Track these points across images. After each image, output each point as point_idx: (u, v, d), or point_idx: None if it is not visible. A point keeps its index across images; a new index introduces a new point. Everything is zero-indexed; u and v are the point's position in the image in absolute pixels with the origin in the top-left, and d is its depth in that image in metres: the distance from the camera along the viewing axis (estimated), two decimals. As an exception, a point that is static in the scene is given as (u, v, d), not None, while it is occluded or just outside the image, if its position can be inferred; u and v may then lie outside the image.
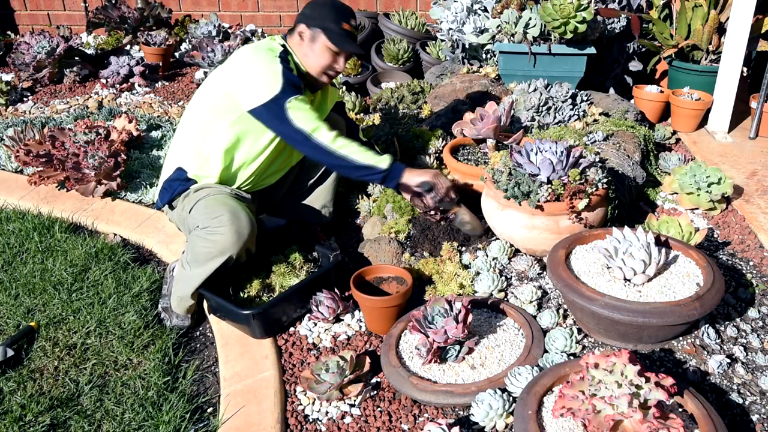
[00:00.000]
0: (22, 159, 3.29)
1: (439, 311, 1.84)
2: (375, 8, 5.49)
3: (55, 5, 6.01)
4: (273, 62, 2.17)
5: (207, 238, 2.12)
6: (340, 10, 2.26)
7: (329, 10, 2.24)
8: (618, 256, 1.82)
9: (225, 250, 2.11)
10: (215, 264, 2.13)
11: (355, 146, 2.18)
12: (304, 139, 2.15)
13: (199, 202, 2.21)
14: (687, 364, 1.79)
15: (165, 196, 2.32)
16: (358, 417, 1.80)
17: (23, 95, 4.67)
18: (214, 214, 2.13)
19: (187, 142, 2.29)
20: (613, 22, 3.67)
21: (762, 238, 2.45)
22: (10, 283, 2.60)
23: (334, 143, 2.15)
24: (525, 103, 3.20)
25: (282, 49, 2.24)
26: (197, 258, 2.16)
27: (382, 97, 3.99)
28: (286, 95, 2.13)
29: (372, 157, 2.19)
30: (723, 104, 3.50)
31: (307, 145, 2.16)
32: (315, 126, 2.15)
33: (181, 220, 2.31)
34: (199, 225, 2.16)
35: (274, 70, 2.15)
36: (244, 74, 2.18)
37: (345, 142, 2.17)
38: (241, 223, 2.12)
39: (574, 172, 2.14)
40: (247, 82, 2.16)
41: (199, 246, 2.14)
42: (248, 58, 2.20)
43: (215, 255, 2.12)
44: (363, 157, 2.17)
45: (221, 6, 5.77)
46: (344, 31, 2.23)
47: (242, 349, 2.13)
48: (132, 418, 1.93)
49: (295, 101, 2.14)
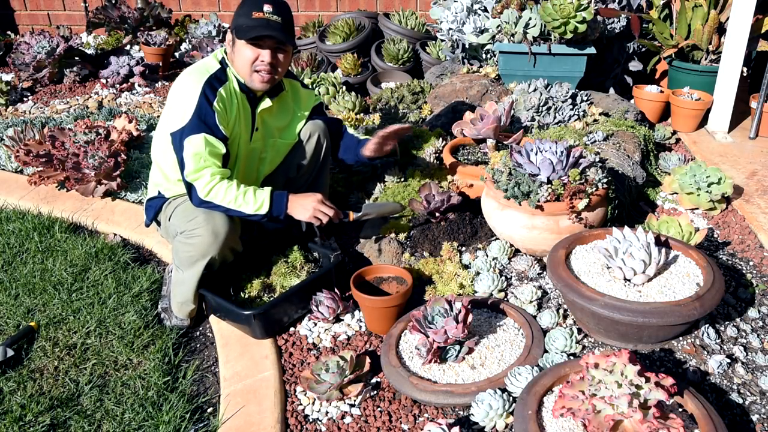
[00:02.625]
0: (22, 159, 3.29)
1: (439, 311, 1.84)
2: (375, 8, 5.49)
3: (55, 5, 6.01)
4: (194, 88, 2.09)
5: (186, 242, 2.14)
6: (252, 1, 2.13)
7: (243, 6, 2.14)
8: (618, 256, 1.82)
9: (205, 252, 2.12)
10: (200, 266, 2.14)
11: (231, 195, 2.08)
12: (187, 186, 2.11)
13: (177, 209, 2.24)
14: (687, 364, 1.79)
15: (150, 213, 2.37)
16: (358, 417, 1.80)
17: (23, 95, 4.67)
18: (190, 217, 2.15)
19: (157, 166, 2.30)
20: (613, 22, 3.67)
21: (762, 238, 2.45)
22: (10, 283, 2.60)
23: (209, 195, 2.08)
24: (525, 103, 3.20)
25: (219, 68, 2.17)
26: (183, 262, 2.18)
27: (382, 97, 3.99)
28: (190, 129, 2.06)
29: (250, 203, 2.10)
30: (723, 104, 3.50)
31: (189, 192, 2.11)
32: (198, 175, 2.07)
33: (165, 230, 2.34)
34: (179, 230, 2.19)
35: (191, 98, 2.08)
36: (171, 96, 2.15)
37: (220, 192, 2.08)
38: (216, 222, 2.11)
39: (574, 172, 2.14)
40: (171, 105, 2.13)
41: (181, 251, 2.17)
42: (180, 79, 2.15)
43: (197, 258, 2.13)
44: (240, 206, 2.10)
45: (221, 6, 5.77)
46: (255, 20, 2.10)
47: (242, 349, 2.13)
48: (132, 418, 1.93)
49: (195, 140, 2.05)
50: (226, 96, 2.16)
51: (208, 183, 2.08)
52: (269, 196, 2.14)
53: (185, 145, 2.07)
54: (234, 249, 2.22)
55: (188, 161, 2.08)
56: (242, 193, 2.11)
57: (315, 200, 2.17)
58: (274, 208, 2.14)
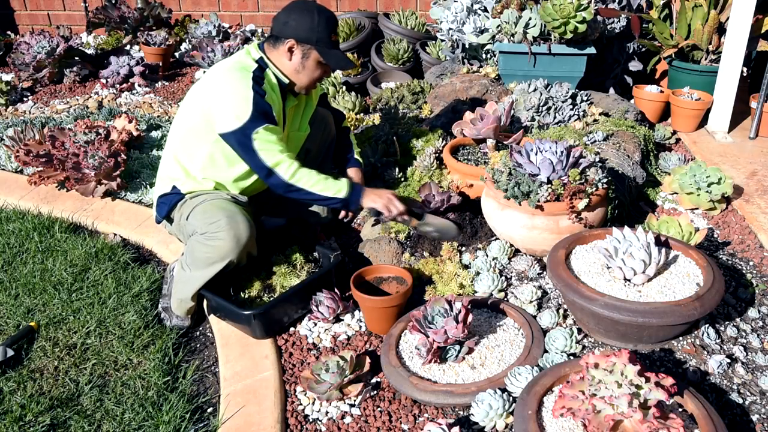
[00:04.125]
0: (22, 159, 3.29)
1: (439, 311, 1.84)
2: (375, 8, 5.49)
3: (55, 5, 6.01)
4: (244, 86, 2.12)
5: (206, 243, 2.12)
6: (328, 20, 2.20)
7: (318, 21, 2.17)
8: (618, 256, 1.82)
9: (225, 256, 2.11)
10: (216, 269, 2.13)
11: (313, 178, 2.18)
12: (267, 173, 2.16)
13: (195, 208, 2.21)
14: (687, 364, 1.79)
15: (163, 210, 2.31)
16: (358, 417, 1.80)
17: (23, 95, 4.67)
18: (212, 219, 2.13)
19: (176, 161, 2.29)
20: (613, 22, 3.67)
21: (762, 238, 2.45)
22: (10, 283, 2.60)
23: (294, 178, 2.16)
24: (525, 103, 3.20)
25: (256, 67, 2.19)
26: (197, 263, 2.16)
27: (382, 97, 3.99)
28: (254, 125, 2.10)
29: (331, 187, 2.20)
30: (723, 104, 3.50)
31: (269, 179, 2.17)
32: (277, 160, 2.14)
33: (179, 228, 2.31)
34: (198, 231, 2.16)
35: (245, 96, 2.11)
36: (216, 96, 2.14)
37: (304, 176, 2.17)
38: (240, 228, 2.11)
39: (574, 172, 2.14)
40: (219, 106, 2.13)
41: (198, 251, 2.14)
42: (221, 78, 2.16)
43: (215, 260, 2.12)
44: (322, 189, 2.19)
45: (221, 6, 5.77)
46: (334, 43, 2.23)
47: (242, 349, 2.13)
48: (132, 418, 1.93)
49: (263, 132, 2.11)
50: (269, 91, 2.20)
51: (290, 167, 2.15)
52: (347, 184, 2.24)
53: (254, 138, 2.10)
54: (251, 253, 2.21)
55: (261, 153, 2.12)
56: (324, 178, 2.20)
57: (390, 193, 2.32)
58: (352, 195, 2.23)
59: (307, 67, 2.24)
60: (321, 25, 2.18)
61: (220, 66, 2.21)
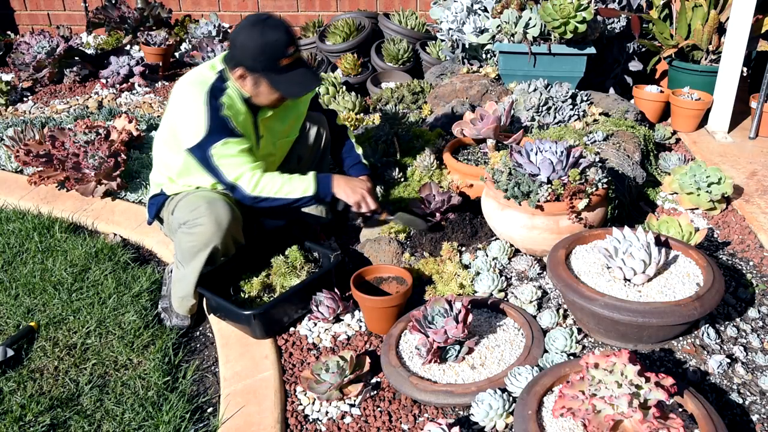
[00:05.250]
0: (22, 159, 3.29)
1: (439, 311, 1.84)
2: (375, 8, 5.49)
3: (55, 5, 6.01)
4: (200, 101, 2.06)
5: (189, 232, 2.15)
6: (275, 43, 2.04)
7: (263, 47, 2.03)
8: (618, 256, 1.82)
9: (208, 241, 2.12)
10: (202, 258, 2.15)
11: (276, 183, 2.13)
12: (230, 188, 2.14)
13: (179, 203, 2.24)
14: (687, 364, 1.79)
15: (152, 211, 2.38)
16: (358, 417, 1.80)
17: (23, 95, 4.67)
18: (192, 207, 2.16)
19: (159, 170, 2.33)
20: (613, 22, 3.67)
21: (762, 238, 2.45)
22: (10, 283, 2.60)
23: (257, 189, 2.12)
24: (525, 103, 3.20)
25: (215, 80, 2.11)
26: (185, 255, 2.18)
27: (382, 97, 3.99)
28: (211, 140, 2.05)
29: (297, 187, 2.15)
30: (723, 104, 3.50)
31: (234, 193, 2.15)
32: (237, 174, 2.10)
33: (168, 226, 2.35)
34: (181, 221, 2.19)
35: (199, 112, 2.06)
36: (177, 112, 2.14)
37: (267, 183, 2.12)
38: (219, 211, 2.12)
39: (574, 172, 2.14)
40: (179, 122, 2.13)
41: (184, 242, 2.17)
42: (180, 94, 2.13)
43: (200, 248, 2.14)
44: (288, 192, 2.14)
45: (221, 6, 5.77)
46: (285, 67, 2.08)
47: (242, 349, 2.13)
48: (132, 418, 1.93)
49: (221, 147, 2.06)
50: (229, 104, 2.13)
51: (251, 178, 2.12)
52: (314, 177, 2.18)
53: (212, 154, 2.07)
54: (236, 240, 2.22)
55: (222, 168, 2.10)
56: (288, 179, 2.15)
57: (365, 187, 2.24)
58: (320, 189, 2.17)
59: (262, 93, 2.15)
60: (267, 51, 2.04)
61: (182, 80, 2.17)
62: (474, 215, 2.53)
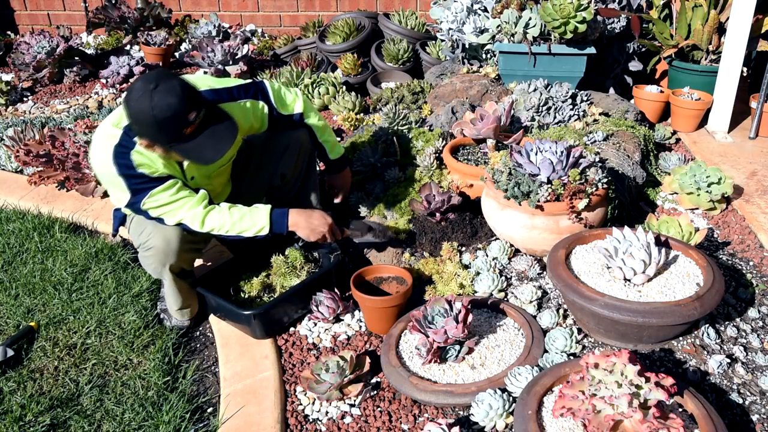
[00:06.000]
0: (22, 159, 3.29)
1: (439, 311, 1.84)
2: (375, 8, 5.49)
3: (55, 5, 6.01)
4: (109, 167, 1.92)
5: (145, 254, 2.15)
6: (171, 119, 1.80)
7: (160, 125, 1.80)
8: (618, 256, 1.82)
9: (164, 260, 2.11)
10: (168, 274, 2.15)
11: (226, 222, 2.02)
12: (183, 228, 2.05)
13: (132, 223, 2.18)
14: (687, 364, 1.79)
15: (116, 224, 2.31)
16: (358, 417, 1.80)
17: (23, 95, 4.67)
18: (140, 229, 2.13)
19: None
20: (613, 22, 3.67)
21: (762, 238, 2.45)
22: (10, 283, 2.60)
23: (205, 225, 2.02)
24: (525, 103, 3.20)
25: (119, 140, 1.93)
26: (154, 273, 2.20)
27: (382, 97, 3.99)
28: (138, 199, 1.96)
29: (250, 225, 2.04)
30: (723, 104, 3.49)
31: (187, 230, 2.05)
32: (180, 218, 2.00)
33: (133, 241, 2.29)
34: (136, 243, 2.19)
35: (114, 178, 1.94)
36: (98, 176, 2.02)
37: (215, 221, 2.02)
38: (166, 231, 2.05)
39: (574, 172, 2.14)
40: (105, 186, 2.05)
41: (145, 264, 2.19)
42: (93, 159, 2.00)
43: (160, 266, 2.14)
44: (240, 230, 2.04)
45: (221, 6, 5.76)
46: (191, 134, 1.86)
47: (242, 349, 2.13)
48: (132, 418, 1.93)
49: (149, 201, 1.96)
50: (140, 159, 1.94)
51: (194, 217, 2.01)
52: (268, 216, 2.06)
53: (146, 210, 1.98)
54: (196, 249, 2.21)
55: (163, 217, 2.00)
56: (239, 217, 2.04)
57: (327, 224, 2.13)
58: (274, 227, 2.07)
59: (176, 157, 1.97)
60: (166, 126, 1.81)
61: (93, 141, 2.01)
62: (474, 215, 2.52)
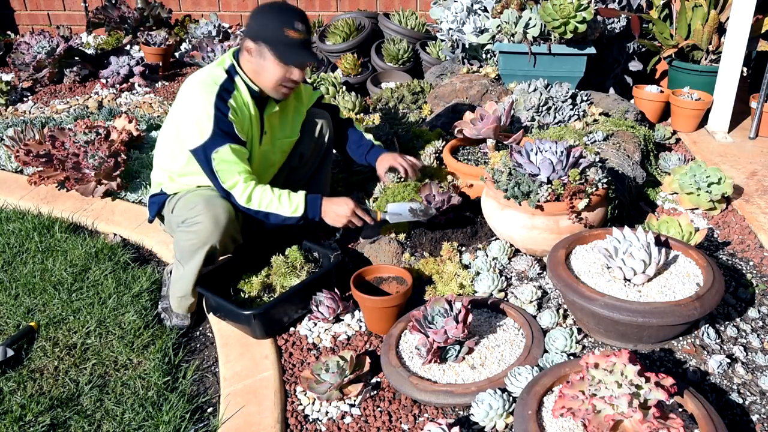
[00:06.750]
0: (22, 159, 3.29)
1: (439, 311, 1.84)
2: (375, 8, 5.49)
3: (55, 5, 6.01)
4: (207, 102, 2.09)
5: (188, 230, 2.15)
6: (283, 14, 2.10)
7: (271, 17, 2.10)
8: (618, 256, 1.82)
9: (206, 240, 2.12)
10: (201, 255, 2.15)
11: (267, 198, 2.16)
12: (225, 194, 2.17)
13: (179, 201, 2.26)
14: (687, 364, 1.79)
15: (153, 210, 2.39)
16: (358, 417, 1.80)
17: (23, 95, 4.67)
18: (191, 205, 2.17)
19: (161, 168, 2.34)
20: (613, 22, 3.67)
21: (762, 238, 2.45)
22: (10, 283, 2.60)
23: (249, 201, 2.15)
24: (525, 103, 3.20)
25: (225, 78, 2.15)
26: (184, 254, 2.19)
27: (382, 97, 3.99)
28: (215, 144, 2.09)
29: (286, 205, 2.17)
30: (723, 104, 3.50)
31: (229, 199, 2.17)
32: (232, 183, 2.13)
33: (168, 224, 2.35)
34: (180, 220, 2.20)
35: (207, 114, 2.08)
36: (184, 111, 2.14)
37: (257, 197, 2.15)
38: (217, 210, 2.13)
39: (574, 172, 2.14)
40: (185, 121, 2.13)
41: (183, 240, 2.18)
42: (189, 93, 2.14)
43: (198, 246, 2.14)
44: (277, 208, 2.17)
45: (221, 6, 5.77)
46: (290, 39, 2.09)
47: (242, 349, 2.13)
48: (132, 418, 1.93)
49: (222, 152, 2.10)
50: (237, 106, 2.16)
51: (245, 189, 2.14)
52: (303, 199, 2.20)
53: (213, 158, 2.10)
54: (234, 239, 2.23)
55: (220, 173, 2.12)
56: (278, 196, 2.17)
57: (349, 209, 2.23)
58: (309, 211, 2.20)
59: (265, 67, 2.14)
60: (274, 20, 2.08)
61: (192, 78, 2.17)
62: (474, 215, 2.53)
